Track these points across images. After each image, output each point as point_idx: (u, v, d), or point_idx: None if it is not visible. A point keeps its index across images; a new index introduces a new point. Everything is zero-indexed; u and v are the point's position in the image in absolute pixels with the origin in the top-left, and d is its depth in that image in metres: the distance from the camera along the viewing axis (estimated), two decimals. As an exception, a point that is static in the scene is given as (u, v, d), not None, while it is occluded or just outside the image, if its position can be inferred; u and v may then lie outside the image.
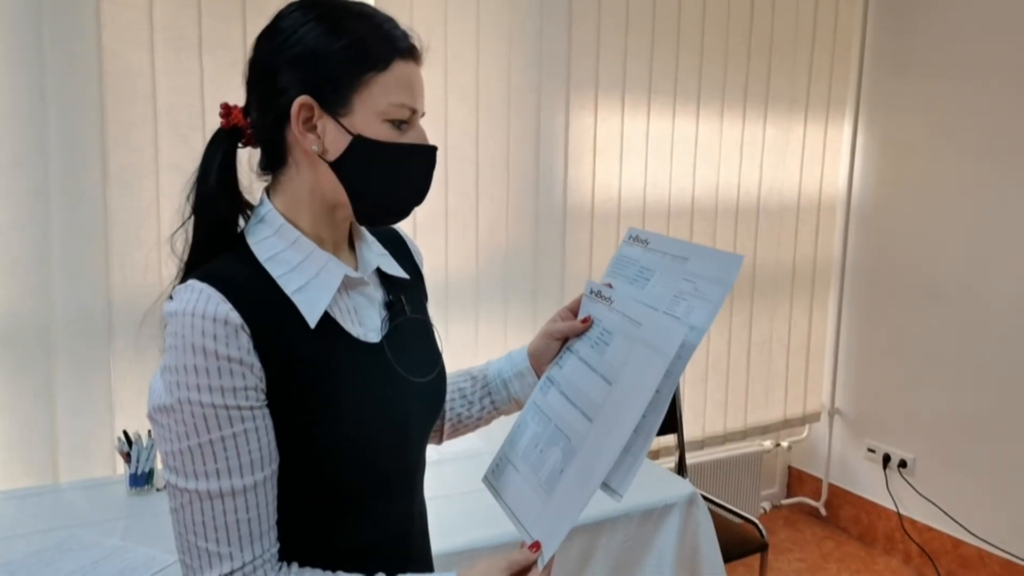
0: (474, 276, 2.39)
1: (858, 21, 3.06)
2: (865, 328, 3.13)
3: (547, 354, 0.99)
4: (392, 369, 0.87)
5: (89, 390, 1.91)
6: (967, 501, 2.77)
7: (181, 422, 0.73)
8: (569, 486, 0.83)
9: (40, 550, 1.50)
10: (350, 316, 0.86)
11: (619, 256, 0.99)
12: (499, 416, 1.07)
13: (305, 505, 0.82)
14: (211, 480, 0.74)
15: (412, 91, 0.81)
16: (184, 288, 0.76)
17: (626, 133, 2.61)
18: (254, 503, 0.75)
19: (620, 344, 0.87)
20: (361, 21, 0.80)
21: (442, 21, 2.25)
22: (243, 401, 0.74)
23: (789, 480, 3.41)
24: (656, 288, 0.90)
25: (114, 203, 1.89)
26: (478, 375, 1.07)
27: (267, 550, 0.77)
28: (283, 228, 0.82)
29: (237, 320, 0.74)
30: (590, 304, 0.96)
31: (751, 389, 3.05)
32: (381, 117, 0.79)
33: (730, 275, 0.84)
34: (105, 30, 1.84)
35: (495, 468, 0.96)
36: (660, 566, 1.81)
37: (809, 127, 3.03)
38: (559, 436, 0.88)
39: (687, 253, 0.90)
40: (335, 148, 0.80)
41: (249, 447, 0.75)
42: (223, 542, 0.74)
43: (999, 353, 2.65)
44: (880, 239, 3.05)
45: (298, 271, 0.81)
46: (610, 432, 0.82)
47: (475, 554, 1.54)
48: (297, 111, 0.79)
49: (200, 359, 0.72)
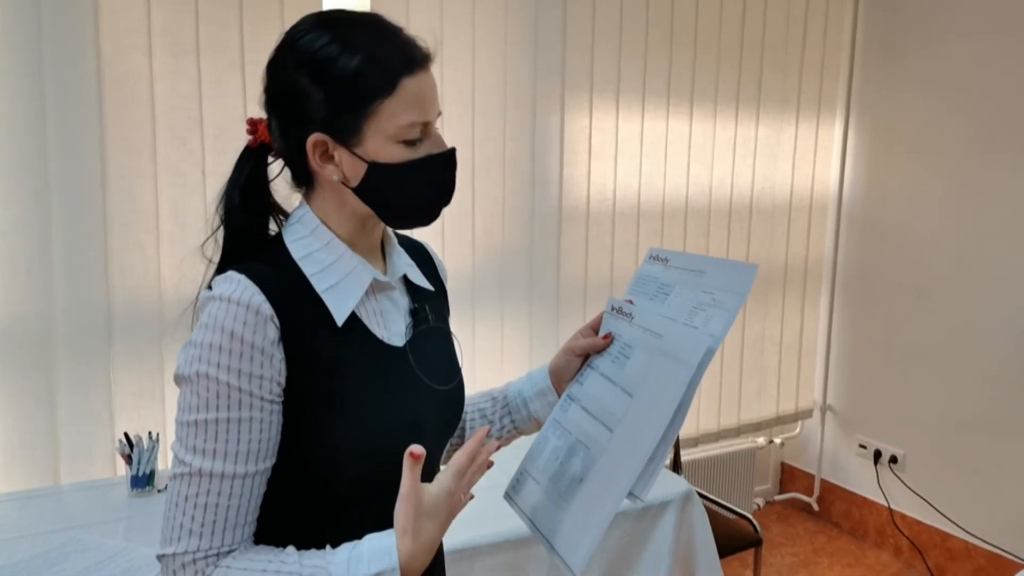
0: (470, 276, 2.41)
1: (848, 22, 3.09)
2: (856, 326, 3.17)
3: (568, 371, 1.00)
4: (413, 373, 0.90)
5: (89, 392, 1.92)
6: (956, 496, 2.81)
7: (195, 394, 0.76)
8: (591, 494, 0.84)
9: (45, 551, 1.51)
10: (376, 319, 0.89)
11: (639, 275, 1.01)
12: (519, 436, 1.08)
13: (317, 502, 0.84)
14: (206, 459, 0.76)
15: (421, 105, 0.82)
16: (223, 278, 0.80)
17: (620, 134, 2.63)
18: (238, 493, 0.78)
19: (641, 357, 0.89)
20: (364, 43, 0.79)
21: (438, 23, 2.27)
22: (256, 389, 0.77)
23: (782, 476, 3.45)
24: (675, 302, 0.92)
25: (113, 206, 1.90)
26: (498, 395, 1.08)
27: (235, 543, 0.78)
28: (318, 230, 0.86)
29: (268, 311, 0.77)
30: (611, 321, 0.98)
31: (744, 386, 3.08)
32: (393, 140, 0.81)
33: (745, 284, 0.86)
34: (103, 35, 1.85)
35: (515, 483, 0.97)
36: (657, 561, 1.84)
37: (801, 127, 3.06)
38: (579, 447, 0.89)
39: (704, 267, 0.92)
40: (354, 175, 0.83)
41: (251, 436, 0.77)
42: (198, 521, 0.76)
43: (988, 350, 2.69)
44: (870, 238, 3.09)
45: (330, 271, 0.84)
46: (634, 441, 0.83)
47: (478, 551, 1.56)
48: (312, 148, 0.82)
49: (226, 340, 0.76)
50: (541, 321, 2.56)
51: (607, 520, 0.82)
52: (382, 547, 0.76)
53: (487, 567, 1.58)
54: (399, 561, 0.75)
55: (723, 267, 0.90)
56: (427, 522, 0.77)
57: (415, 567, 0.77)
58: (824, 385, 3.29)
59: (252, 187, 0.87)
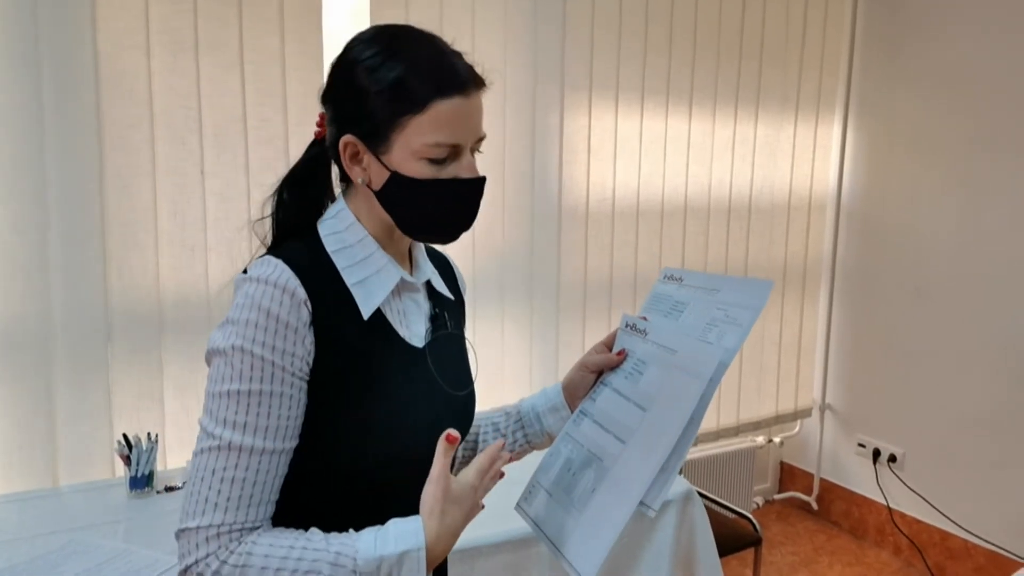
0: (470, 275, 2.41)
1: (847, 21, 3.09)
2: (856, 325, 3.17)
3: (582, 387, 1.01)
4: (430, 375, 0.91)
5: (88, 393, 1.91)
6: (955, 495, 2.82)
7: (229, 365, 0.79)
8: (602, 505, 0.85)
9: (44, 553, 1.51)
10: (399, 317, 0.91)
11: (654, 294, 1.02)
12: (531, 451, 1.09)
13: (334, 492, 0.85)
14: (235, 432, 0.78)
15: (453, 128, 0.83)
16: (260, 261, 0.83)
17: (620, 133, 2.63)
18: (265, 469, 0.79)
19: (655, 372, 0.90)
20: (408, 58, 0.83)
21: (437, 23, 2.26)
22: (289, 365, 0.80)
23: (781, 475, 3.46)
24: (689, 319, 0.93)
25: (111, 206, 1.90)
26: (512, 410, 1.09)
27: (257, 520, 0.79)
28: (353, 226, 0.89)
29: (302, 295, 0.80)
30: (625, 337, 0.99)
31: (743, 386, 3.08)
32: (417, 156, 0.83)
33: (760, 300, 0.87)
34: (100, 33, 1.84)
35: (527, 495, 0.97)
36: (657, 561, 1.84)
37: (800, 126, 3.06)
38: (591, 459, 0.90)
39: (718, 285, 0.93)
40: (377, 181, 0.86)
41: (280, 412, 0.80)
42: (224, 495, 0.77)
43: (987, 349, 2.69)
44: (869, 237, 3.09)
45: (360, 266, 0.88)
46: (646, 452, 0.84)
47: (479, 551, 1.55)
48: (343, 148, 0.86)
49: (263, 318, 0.79)
50: (541, 320, 2.56)
51: (619, 529, 0.82)
52: (408, 528, 0.78)
53: (488, 567, 1.58)
54: (425, 540, 0.77)
55: (737, 284, 0.91)
56: (452, 507, 0.80)
57: (439, 550, 0.79)
58: (823, 384, 3.29)
59: (306, 179, 0.91)
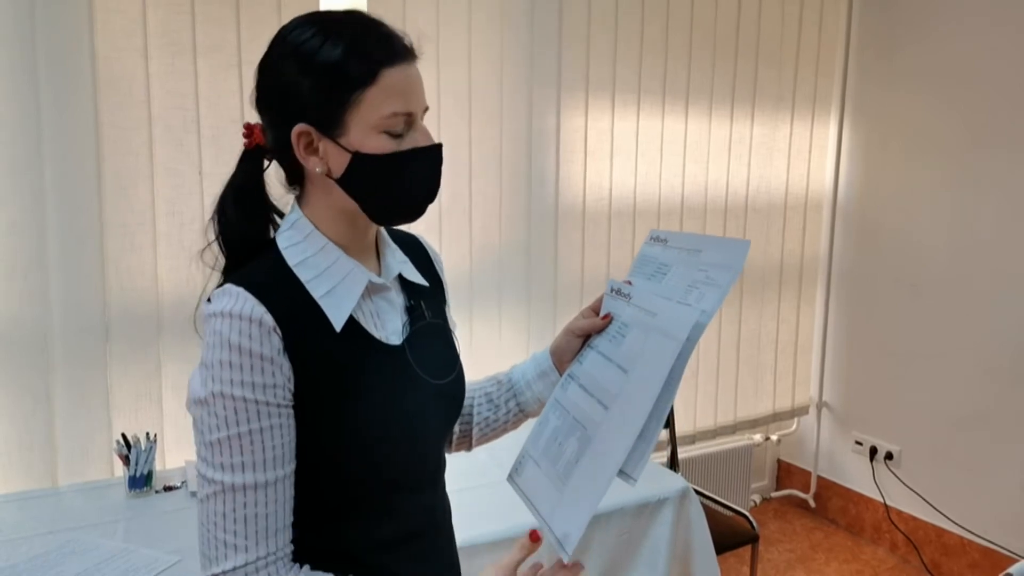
0: (468, 275, 2.42)
1: (843, 19, 3.10)
2: (852, 323, 3.18)
3: (569, 352, 1.01)
4: (412, 370, 0.91)
5: (87, 393, 1.92)
6: (951, 492, 2.83)
7: (213, 415, 0.78)
8: (584, 474, 0.85)
9: (43, 553, 1.51)
10: (373, 320, 0.90)
11: (640, 256, 1.02)
12: (525, 419, 1.09)
13: (327, 502, 0.86)
14: (236, 473, 0.78)
15: (405, 96, 0.82)
16: (222, 292, 0.80)
17: (616, 133, 2.64)
18: (273, 499, 0.80)
19: (636, 335, 0.90)
20: (346, 35, 0.81)
21: (434, 23, 2.27)
22: (271, 398, 0.79)
23: (778, 473, 3.47)
24: (672, 281, 0.93)
25: (109, 208, 1.90)
26: (503, 379, 1.09)
27: (281, 548, 0.80)
28: (312, 235, 0.86)
29: (270, 322, 0.79)
30: (610, 301, 0.99)
31: (741, 384, 3.09)
32: (376, 130, 0.81)
33: (737, 260, 0.87)
34: (98, 35, 1.85)
35: (517, 466, 0.98)
36: (654, 558, 1.85)
37: (796, 125, 3.07)
38: (576, 427, 0.90)
39: (701, 245, 0.93)
40: (338, 166, 0.83)
41: (273, 443, 0.79)
42: (240, 535, 0.78)
43: (983, 347, 2.71)
44: (866, 235, 3.10)
45: (325, 276, 0.85)
46: (625, 418, 0.84)
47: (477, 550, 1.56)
48: (296, 139, 0.82)
49: (235, 356, 0.77)
50: (539, 319, 2.57)
51: (598, 498, 0.82)
52: None
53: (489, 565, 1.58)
54: None
55: (719, 244, 0.91)
56: None
57: None
58: (820, 382, 3.30)
59: (249, 191, 0.88)
